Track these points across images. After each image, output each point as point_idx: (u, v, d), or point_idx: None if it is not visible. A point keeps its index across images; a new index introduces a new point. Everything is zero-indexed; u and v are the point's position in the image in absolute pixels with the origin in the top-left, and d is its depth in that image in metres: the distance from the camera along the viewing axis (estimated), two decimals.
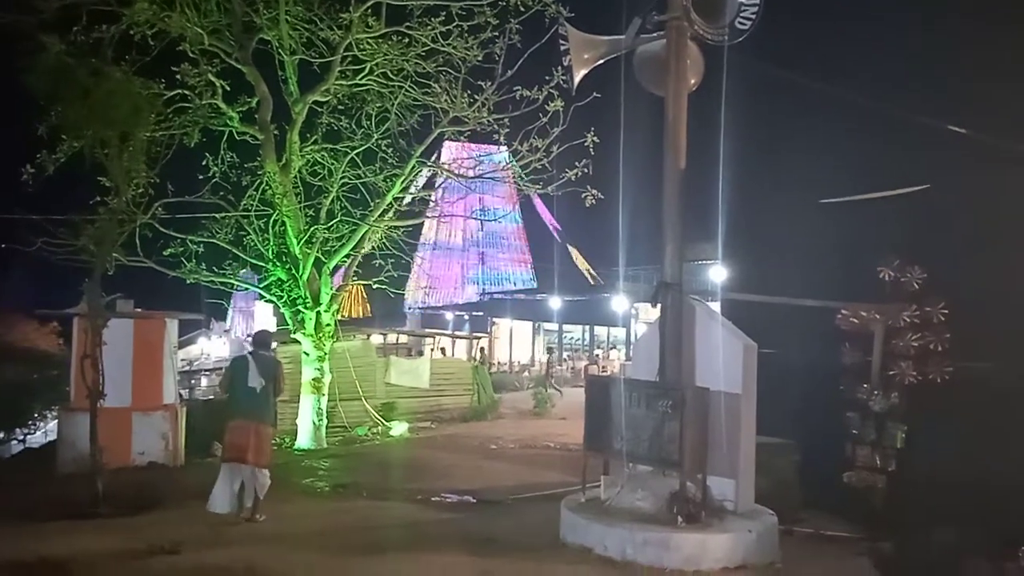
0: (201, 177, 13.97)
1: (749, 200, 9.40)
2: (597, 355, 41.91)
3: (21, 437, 15.87)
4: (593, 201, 13.66)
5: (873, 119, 9.12)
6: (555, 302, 40.41)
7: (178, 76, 13.01)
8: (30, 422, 15.66)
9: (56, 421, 13.05)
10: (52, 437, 14.25)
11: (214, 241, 14.13)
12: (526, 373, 37.34)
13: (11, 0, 11.56)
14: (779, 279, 9.31)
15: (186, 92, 13.22)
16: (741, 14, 7.37)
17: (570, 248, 51.35)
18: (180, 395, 14.28)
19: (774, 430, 8.04)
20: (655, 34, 7.76)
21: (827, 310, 8.42)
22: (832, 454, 8.26)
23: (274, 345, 9.83)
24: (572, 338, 48.61)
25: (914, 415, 7.78)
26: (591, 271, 46.39)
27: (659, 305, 7.60)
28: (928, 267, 7.83)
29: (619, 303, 35.65)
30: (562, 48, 7.87)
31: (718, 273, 15.92)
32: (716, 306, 9.89)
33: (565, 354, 43.95)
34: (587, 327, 47.40)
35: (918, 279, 7.85)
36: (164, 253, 13.47)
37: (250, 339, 9.51)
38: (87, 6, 12.26)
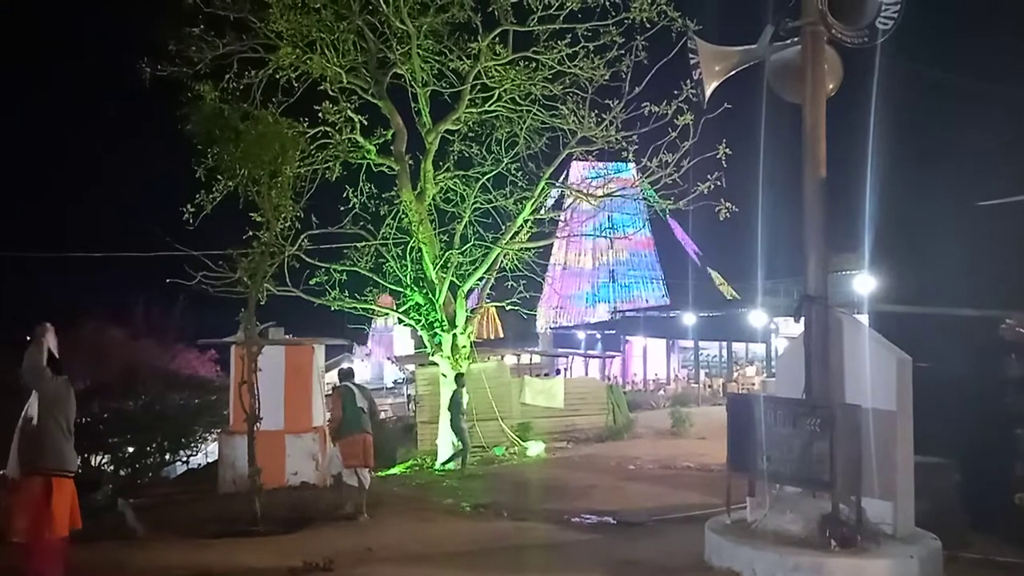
0: (342, 209, 14.74)
1: (897, 206, 8.91)
2: (736, 372, 40.68)
3: (185, 458, 16.97)
4: (727, 214, 13.37)
5: None
6: (689, 318, 39.52)
7: (320, 114, 13.74)
8: (192, 444, 16.71)
9: (216, 443, 13.88)
10: (212, 458, 15.19)
11: (356, 269, 14.76)
12: (662, 392, 36.75)
13: (170, 54, 12.59)
14: (933, 288, 8.78)
15: (327, 129, 13.96)
16: (882, 13, 7.03)
17: (711, 272, 50.41)
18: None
19: (932, 449, 7.55)
20: (789, 40, 7.53)
21: (989, 320, 7.86)
22: (999, 474, 7.68)
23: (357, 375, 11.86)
24: (709, 355, 47.43)
25: None
26: (734, 293, 45.32)
27: (803, 320, 7.32)
28: None
29: (757, 318, 34.46)
30: (691, 62, 7.73)
31: (864, 284, 15.16)
32: (863, 319, 9.44)
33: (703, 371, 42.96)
34: (724, 343, 46.09)
35: None
36: (310, 282, 14.21)
37: (340, 373, 11.28)
38: (237, 55, 13.19)
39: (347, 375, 10.94)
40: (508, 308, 16.71)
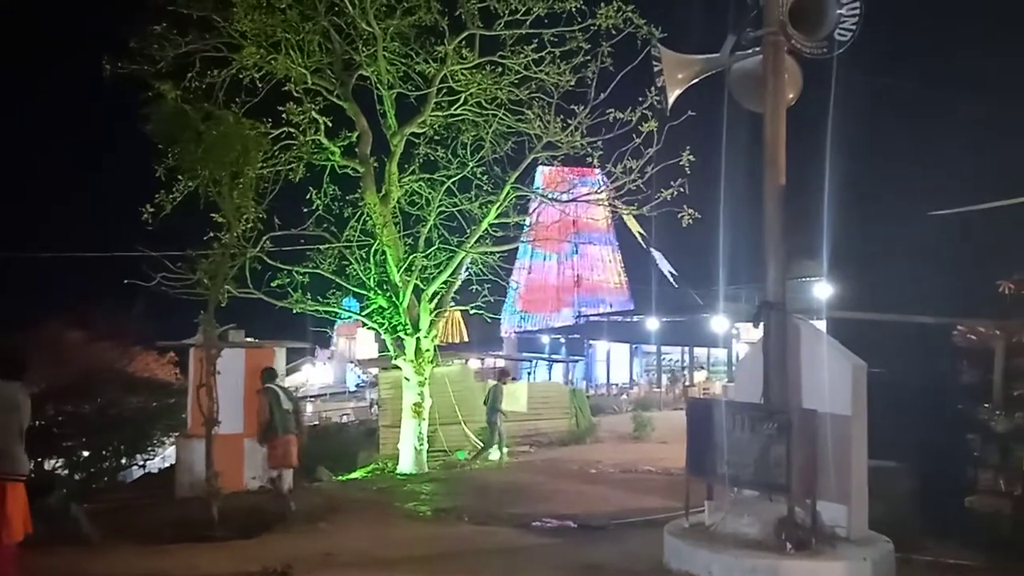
0: (305, 210, 14.56)
1: (855, 215, 9.09)
2: (688, 378, 41.00)
3: (141, 462, 16.65)
4: (690, 220, 13.50)
5: (987, 125, 8.70)
6: (652, 323, 39.81)
7: (283, 115, 13.61)
8: (149, 448, 16.41)
9: (174, 447, 13.65)
10: (170, 462, 14.94)
11: (318, 272, 14.62)
12: (624, 396, 36.96)
13: (131, 51, 12.39)
14: (888, 296, 8.96)
15: (291, 130, 13.82)
16: (841, 25, 7.18)
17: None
18: None
19: (886, 453, 7.70)
20: (751, 50, 7.64)
21: (941, 327, 8.04)
22: (951, 478, 7.85)
23: (279, 376, 11.67)
24: (672, 360, 47.82)
25: None
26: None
27: (762, 325, 7.42)
28: None
29: (719, 323, 34.84)
30: (655, 69, 7.82)
31: (822, 291, 15.40)
32: (821, 325, 9.59)
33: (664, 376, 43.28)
34: (686, 348, 46.50)
35: None
36: (272, 284, 14.01)
37: (264, 374, 10.83)
38: (199, 54, 13.02)
39: (270, 376, 10.74)
40: (472, 312, 16.69)
